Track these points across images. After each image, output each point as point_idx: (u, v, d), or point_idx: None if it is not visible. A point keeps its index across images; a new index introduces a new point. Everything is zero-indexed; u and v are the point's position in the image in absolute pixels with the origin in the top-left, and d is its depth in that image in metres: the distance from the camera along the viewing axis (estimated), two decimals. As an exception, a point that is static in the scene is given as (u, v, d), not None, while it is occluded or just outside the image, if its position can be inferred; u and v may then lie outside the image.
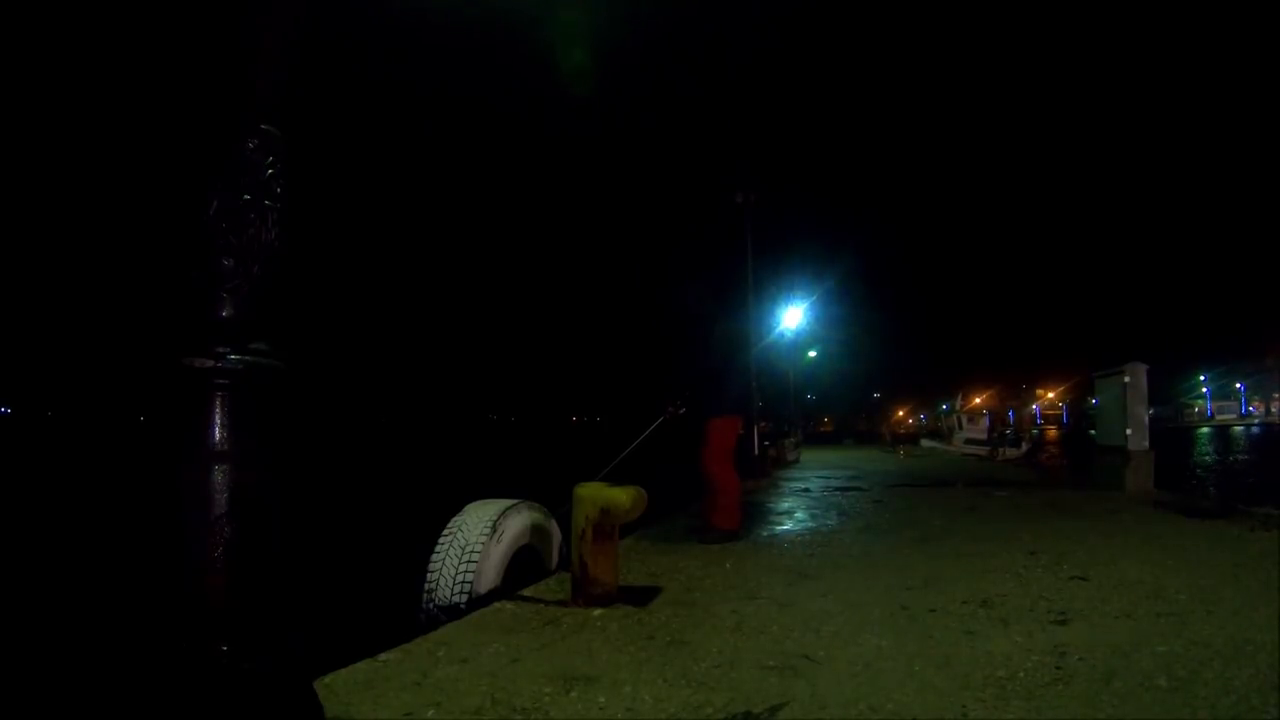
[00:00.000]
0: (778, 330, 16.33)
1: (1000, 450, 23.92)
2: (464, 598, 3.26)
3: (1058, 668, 2.24)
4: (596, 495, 3.14)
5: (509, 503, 3.68)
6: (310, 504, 12.07)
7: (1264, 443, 42.31)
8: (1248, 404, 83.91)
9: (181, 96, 1.66)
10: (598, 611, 2.98)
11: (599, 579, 3.11)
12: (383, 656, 2.43)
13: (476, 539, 3.40)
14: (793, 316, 16.95)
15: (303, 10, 1.63)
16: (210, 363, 1.47)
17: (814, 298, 18.18)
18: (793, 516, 6.22)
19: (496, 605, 3.12)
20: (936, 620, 2.80)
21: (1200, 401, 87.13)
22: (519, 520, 3.65)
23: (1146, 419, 7.63)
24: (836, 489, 8.91)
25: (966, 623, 2.76)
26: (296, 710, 1.51)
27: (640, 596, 3.22)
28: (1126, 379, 7.61)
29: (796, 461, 15.62)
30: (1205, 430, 67.65)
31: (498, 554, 3.44)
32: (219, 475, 1.46)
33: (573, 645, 2.56)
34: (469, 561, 3.33)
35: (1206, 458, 32.56)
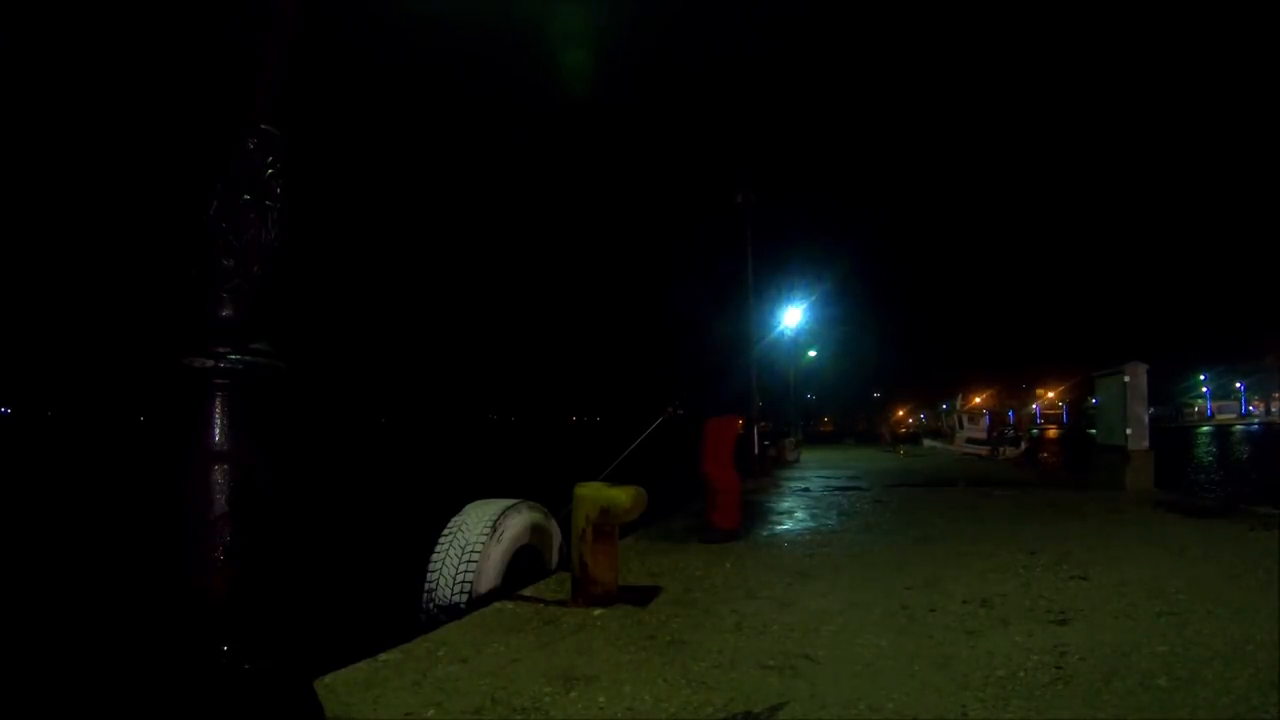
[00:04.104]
0: (778, 330, 16.33)
1: (1001, 450, 23.92)
2: (464, 598, 3.26)
3: (1058, 668, 2.24)
4: (596, 495, 3.14)
5: (509, 503, 3.68)
6: (310, 504, 12.07)
7: (1264, 442, 42.29)
8: (1248, 404, 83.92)
9: (182, 96, 1.66)
10: (598, 611, 2.98)
11: (599, 579, 3.11)
12: (383, 656, 2.43)
13: (476, 539, 3.40)
14: (792, 316, 16.94)
15: (302, 10, 1.63)
16: (210, 363, 1.47)
17: (814, 297, 18.16)
18: (793, 516, 6.22)
19: (496, 605, 3.12)
20: (936, 620, 2.80)
21: (1200, 401, 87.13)
22: (519, 520, 3.64)
23: (1146, 419, 7.63)
24: (837, 489, 8.90)
25: (966, 622, 2.76)
26: (296, 710, 1.51)
27: (640, 596, 3.22)
28: (1126, 379, 7.61)
29: (796, 461, 15.61)
30: (1205, 430, 67.63)
31: (498, 554, 3.44)
32: (219, 475, 1.46)
33: (573, 645, 2.56)
34: (469, 561, 3.33)
35: (1206, 457, 32.54)
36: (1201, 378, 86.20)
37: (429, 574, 3.37)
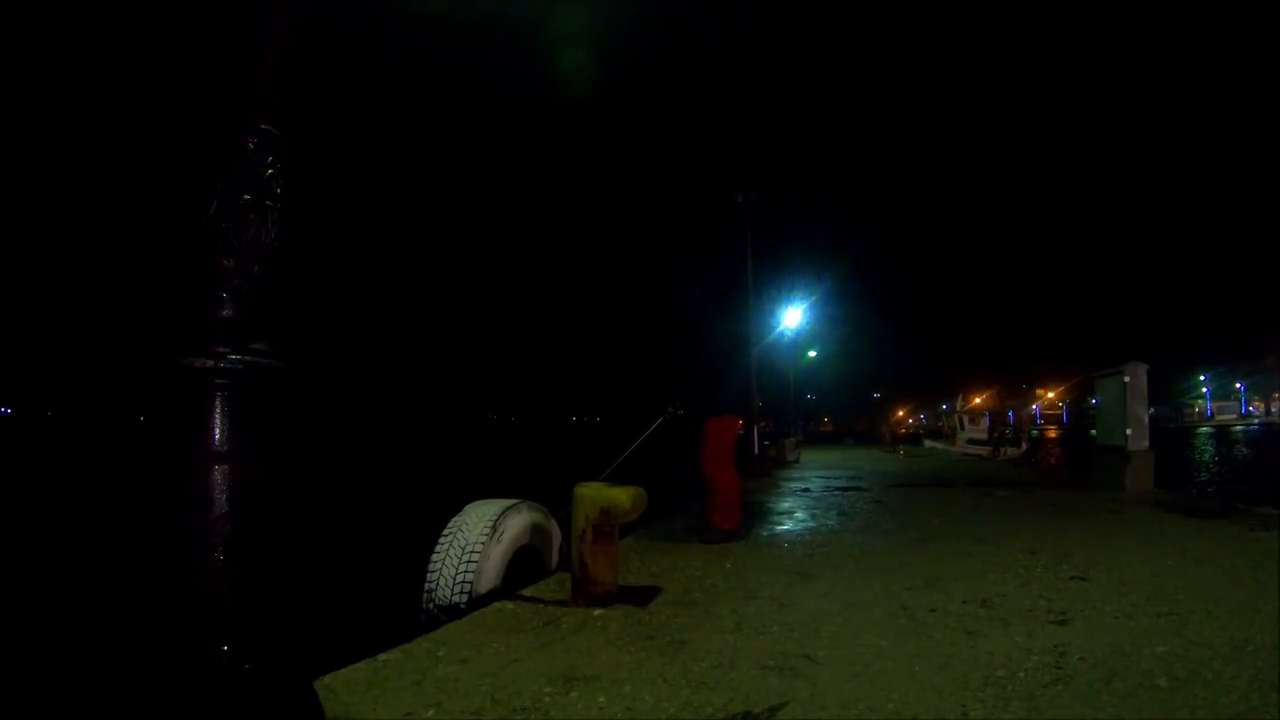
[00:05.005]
0: (778, 330, 16.33)
1: (1002, 450, 23.94)
2: (464, 598, 3.26)
3: (1058, 668, 2.24)
4: (596, 495, 3.14)
5: (509, 503, 3.68)
6: (310, 504, 12.07)
7: (1264, 443, 42.28)
8: (1248, 404, 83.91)
9: (182, 96, 1.66)
10: (598, 611, 2.98)
11: (599, 579, 3.11)
12: (383, 656, 2.43)
13: (476, 539, 3.40)
14: (793, 316, 16.94)
15: (302, 10, 1.63)
16: (210, 363, 1.47)
17: (814, 298, 18.17)
18: (793, 516, 6.22)
19: (496, 605, 3.12)
20: (937, 620, 2.80)
21: (1200, 401, 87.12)
22: (519, 520, 3.64)
23: (1146, 419, 7.63)
24: (837, 489, 8.90)
25: (967, 623, 2.76)
26: (296, 710, 1.51)
27: (640, 596, 3.22)
28: (1126, 379, 7.61)
29: (796, 461, 15.61)
30: (1205, 430, 67.61)
31: (498, 554, 3.44)
32: (219, 475, 1.46)
33: (573, 645, 2.56)
34: (469, 561, 3.33)
35: (1206, 457, 32.55)
36: (1201, 378, 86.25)
37: (429, 574, 3.37)
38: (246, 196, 1.53)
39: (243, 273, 1.52)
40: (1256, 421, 75.06)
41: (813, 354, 27.36)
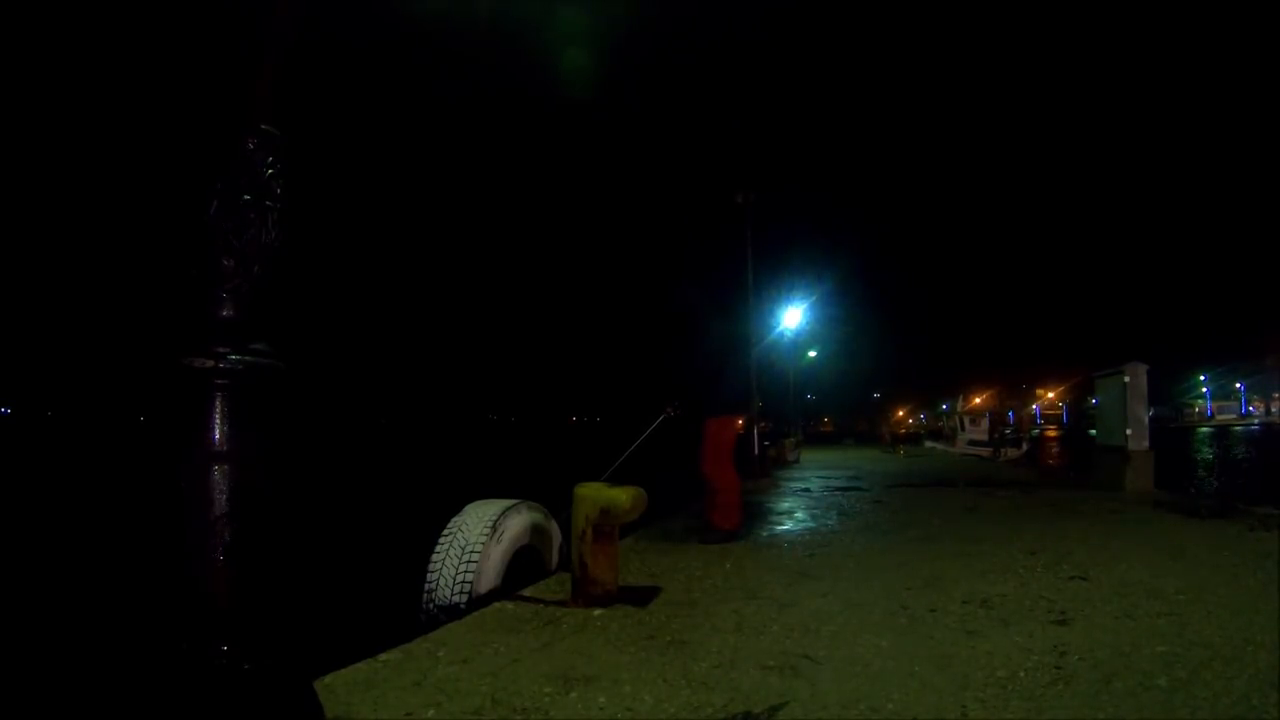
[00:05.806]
0: (778, 330, 16.34)
1: (1002, 450, 23.93)
2: (464, 598, 3.26)
3: (1058, 668, 2.24)
4: (596, 495, 3.14)
5: (509, 503, 3.68)
6: (310, 504, 12.07)
7: (1264, 443, 42.29)
8: (1248, 404, 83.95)
9: (182, 97, 1.66)
10: (598, 611, 2.98)
11: (599, 579, 3.11)
12: (383, 656, 2.43)
13: (476, 539, 3.40)
14: (792, 316, 16.95)
15: (302, 10, 1.63)
16: (210, 363, 1.47)
17: (814, 298, 18.18)
18: (793, 516, 6.22)
19: (496, 605, 3.12)
20: (937, 620, 2.80)
21: (1200, 401, 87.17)
22: (519, 520, 3.65)
23: (1146, 419, 7.63)
24: (837, 489, 8.90)
25: (967, 623, 2.76)
26: (296, 710, 1.51)
27: (640, 596, 3.22)
28: (1126, 379, 7.61)
29: (796, 462, 15.61)
30: (1205, 430, 67.62)
31: (498, 554, 3.44)
32: (219, 475, 1.46)
33: (573, 645, 2.56)
34: (469, 561, 3.33)
35: (1206, 457, 32.54)
36: (1201, 378, 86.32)
37: (429, 574, 3.37)
38: (246, 196, 1.53)
39: (243, 273, 1.52)
40: (1256, 421, 75.07)
41: (813, 354, 27.39)
